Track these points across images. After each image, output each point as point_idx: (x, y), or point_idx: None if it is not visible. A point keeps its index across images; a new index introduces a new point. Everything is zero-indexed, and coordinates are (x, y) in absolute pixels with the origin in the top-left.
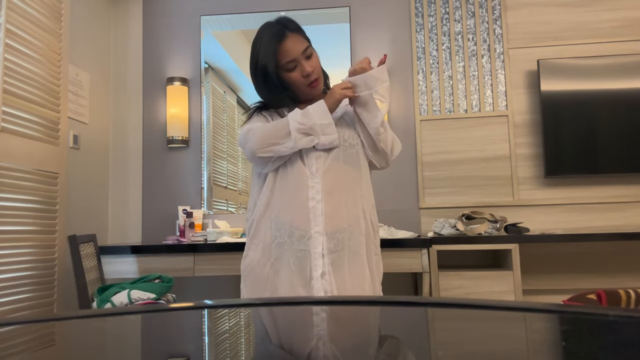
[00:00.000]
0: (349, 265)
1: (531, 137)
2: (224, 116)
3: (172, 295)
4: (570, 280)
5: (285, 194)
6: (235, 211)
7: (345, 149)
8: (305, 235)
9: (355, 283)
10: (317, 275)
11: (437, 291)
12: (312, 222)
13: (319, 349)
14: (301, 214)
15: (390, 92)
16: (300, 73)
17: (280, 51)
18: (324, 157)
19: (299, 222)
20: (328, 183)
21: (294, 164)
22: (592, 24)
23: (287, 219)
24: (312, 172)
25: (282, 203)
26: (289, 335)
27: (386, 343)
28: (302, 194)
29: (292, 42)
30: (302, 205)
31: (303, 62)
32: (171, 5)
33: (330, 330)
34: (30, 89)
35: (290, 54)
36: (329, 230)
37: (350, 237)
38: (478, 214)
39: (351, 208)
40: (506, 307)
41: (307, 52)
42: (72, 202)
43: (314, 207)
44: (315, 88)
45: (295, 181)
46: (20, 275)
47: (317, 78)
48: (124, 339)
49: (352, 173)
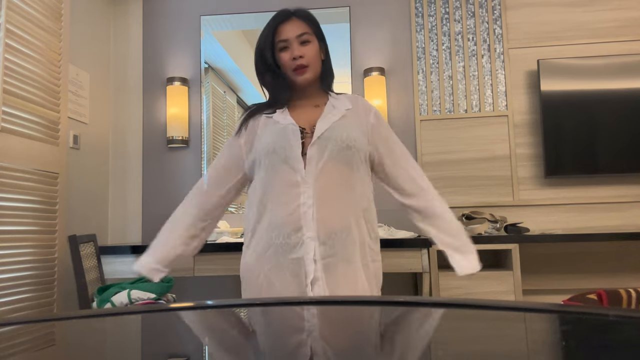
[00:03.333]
0: (342, 272)
1: (531, 137)
2: (224, 116)
3: (172, 295)
4: (570, 280)
5: (277, 201)
6: (235, 211)
7: (340, 150)
8: (298, 242)
9: (349, 290)
10: (309, 282)
11: (437, 291)
12: (304, 227)
13: (316, 349)
14: (293, 220)
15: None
16: (290, 55)
17: (277, 30)
18: (316, 159)
19: (291, 229)
20: (320, 187)
21: (283, 171)
22: (592, 24)
23: (279, 226)
24: (303, 177)
25: (274, 211)
26: (285, 335)
27: (386, 343)
28: (294, 201)
29: (291, 25)
30: (293, 211)
31: (295, 45)
32: (171, 5)
33: (330, 330)
34: (30, 89)
35: (284, 34)
36: (321, 235)
37: (343, 244)
38: (478, 214)
39: (343, 213)
40: (506, 307)
41: (302, 37)
42: (72, 202)
43: (305, 213)
44: (299, 75)
45: (286, 188)
46: (20, 275)
47: (304, 65)
48: (124, 339)
49: (345, 175)
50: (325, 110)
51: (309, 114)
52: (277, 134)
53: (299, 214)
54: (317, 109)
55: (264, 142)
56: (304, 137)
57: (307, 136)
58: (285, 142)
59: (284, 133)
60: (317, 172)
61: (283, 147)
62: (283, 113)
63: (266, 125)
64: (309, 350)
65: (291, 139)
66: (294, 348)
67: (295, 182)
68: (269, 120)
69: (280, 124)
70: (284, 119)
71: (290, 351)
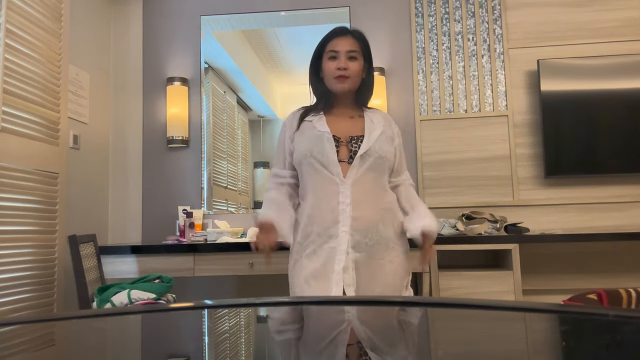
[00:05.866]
0: (368, 265)
1: (531, 137)
2: (224, 116)
3: (172, 295)
4: (570, 280)
5: (317, 198)
6: (235, 211)
7: (376, 160)
8: (334, 234)
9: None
10: (339, 269)
11: (437, 291)
12: (340, 222)
13: (309, 348)
14: (332, 216)
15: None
16: (336, 65)
17: (331, 41)
18: (357, 167)
19: (330, 222)
20: (356, 190)
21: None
22: (592, 24)
23: (319, 218)
24: (342, 180)
25: (315, 205)
26: (276, 333)
27: (386, 343)
28: (333, 199)
29: (345, 40)
30: (333, 208)
31: (343, 58)
32: (171, 5)
33: (327, 330)
34: (30, 89)
35: (337, 46)
36: (353, 231)
37: (372, 240)
38: (478, 214)
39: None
40: (506, 307)
41: (351, 53)
42: (72, 202)
43: (343, 210)
44: (339, 83)
45: (327, 186)
46: (20, 275)
47: (346, 76)
48: (124, 339)
49: (377, 181)
50: (366, 124)
51: (343, 124)
52: (314, 140)
53: (337, 211)
54: (351, 120)
55: (302, 146)
56: (338, 145)
57: (341, 144)
58: (322, 149)
59: (320, 140)
60: (356, 177)
61: (320, 153)
62: (320, 120)
63: (305, 129)
64: (302, 348)
65: (326, 146)
66: (282, 344)
67: (335, 183)
68: (308, 125)
69: (317, 130)
70: (321, 127)
71: (281, 347)
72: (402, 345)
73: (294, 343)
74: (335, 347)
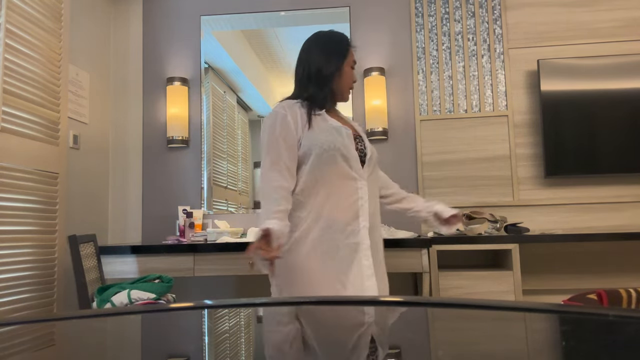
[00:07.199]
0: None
1: (531, 137)
2: (224, 116)
3: (172, 295)
4: (570, 280)
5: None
6: (235, 211)
7: (376, 157)
8: (355, 229)
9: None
10: (369, 264)
11: (437, 291)
12: (360, 217)
13: (306, 347)
14: (353, 210)
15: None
16: (354, 77)
17: (350, 51)
18: (369, 165)
19: (350, 217)
20: (370, 186)
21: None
22: (592, 24)
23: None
24: (361, 175)
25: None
26: (275, 332)
27: (386, 343)
28: (354, 194)
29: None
30: (353, 202)
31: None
32: (171, 5)
33: (325, 330)
34: (30, 89)
35: (353, 58)
36: (370, 226)
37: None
38: (478, 214)
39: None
40: (506, 307)
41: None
42: (72, 202)
43: (362, 206)
44: (348, 95)
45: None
46: (20, 275)
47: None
48: (124, 339)
49: (377, 181)
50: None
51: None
52: (334, 133)
53: (357, 206)
54: (342, 120)
55: (321, 137)
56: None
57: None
58: (344, 142)
59: (340, 134)
60: (369, 173)
61: (344, 147)
62: (323, 115)
63: (317, 121)
64: (299, 348)
65: (347, 140)
66: (281, 343)
67: (354, 179)
68: (318, 118)
69: (331, 124)
70: (334, 122)
71: (279, 347)
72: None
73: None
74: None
